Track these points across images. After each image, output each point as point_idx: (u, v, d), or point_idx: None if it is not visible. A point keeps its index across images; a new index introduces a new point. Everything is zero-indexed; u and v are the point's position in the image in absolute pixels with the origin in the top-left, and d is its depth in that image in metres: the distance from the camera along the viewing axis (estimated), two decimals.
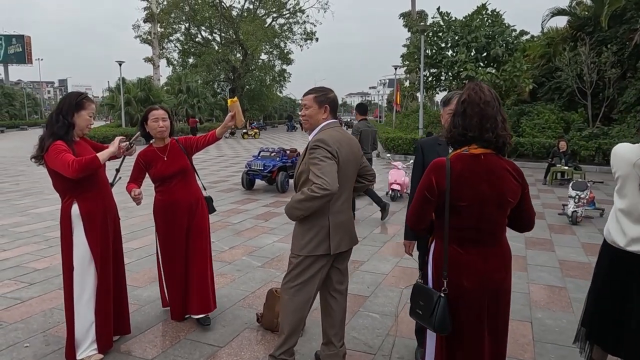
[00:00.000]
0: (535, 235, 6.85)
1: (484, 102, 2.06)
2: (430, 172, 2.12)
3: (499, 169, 2.10)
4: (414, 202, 2.20)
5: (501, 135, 2.07)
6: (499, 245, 2.18)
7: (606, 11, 16.75)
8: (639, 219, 2.40)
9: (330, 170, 2.51)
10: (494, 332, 2.17)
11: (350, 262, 5.29)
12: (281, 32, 46.39)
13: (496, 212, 2.11)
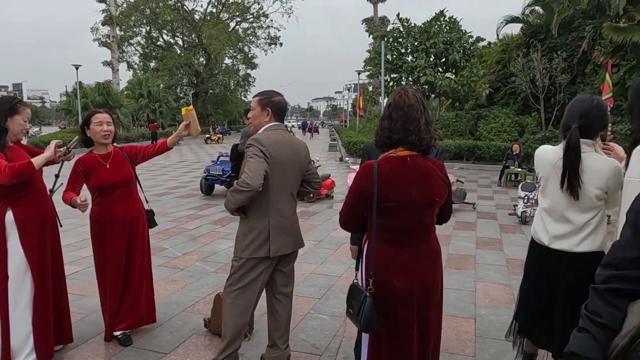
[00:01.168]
0: (486, 235, 7.08)
1: (408, 106, 2.14)
2: (360, 174, 2.18)
3: (426, 170, 2.17)
4: (346, 204, 2.25)
5: (424, 137, 2.14)
6: (428, 244, 2.25)
7: (556, 19, 17.49)
8: (560, 217, 2.52)
9: (255, 168, 2.54)
10: (424, 330, 2.23)
11: (305, 266, 5.38)
12: (245, 37, 46.21)
13: (424, 212, 2.18)
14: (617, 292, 1.35)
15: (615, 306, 1.35)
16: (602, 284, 1.39)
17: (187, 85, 46.46)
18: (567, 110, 2.53)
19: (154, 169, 15.87)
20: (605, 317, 1.34)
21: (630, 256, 1.34)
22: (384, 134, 2.19)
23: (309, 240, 6.52)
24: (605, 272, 1.40)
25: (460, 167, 16.84)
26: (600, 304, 1.37)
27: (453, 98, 21.12)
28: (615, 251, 1.41)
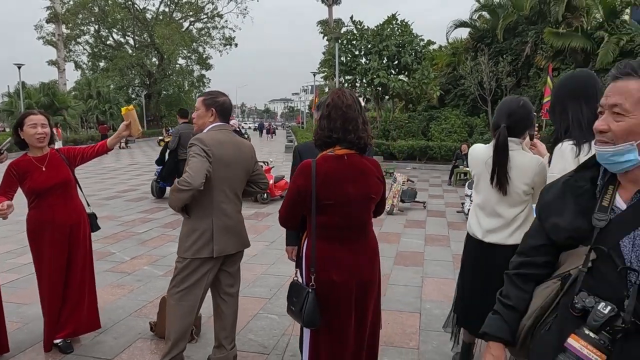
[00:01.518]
0: (435, 232, 7.31)
1: (346, 106, 2.20)
2: (298, 174, 2.22)
3: (363, 168, 2.24)
4: (285, 203, 2.29)
5: (362, 136, 2.22)
6: (366, 240, 2.33)
7: (501, 24, 18.25)
8: (491, 212, 2.66)
9: (197, 167, 2.55)
10: (363, 324, 2.31)
11: (257, 267, 5.38)
12: (199, 37, 45.43)
13: (362, 208, 2.26)
14: (525, 276, 1.46)
15: (523, 290, 1.45)
16: (513, 269, 1.50)
17: (139, 86, 45.16)
18: (496, 111, 2.68)
19: (103, 172, 15.37)
20: (513, 299, 1.44)
21: (536, 244, 1.45)
22: (323, 133, 2.23)
23: (262, 242, 6.53)
24: (517, 259, 1.51)
25: (413, 167, 17.25)
26: (510, 288, 1.47)
27: (406, 100, 21.61)
28: (525, 240, 1.51)
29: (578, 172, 1.40)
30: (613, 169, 1.27)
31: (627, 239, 1.23)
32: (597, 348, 1.17)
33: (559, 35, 16.12)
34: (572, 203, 1.34)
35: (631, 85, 1.21)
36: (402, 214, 8.71)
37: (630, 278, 1.21)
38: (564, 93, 2.26)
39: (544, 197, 1.46)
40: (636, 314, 1.17)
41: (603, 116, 1.26)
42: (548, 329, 1.36)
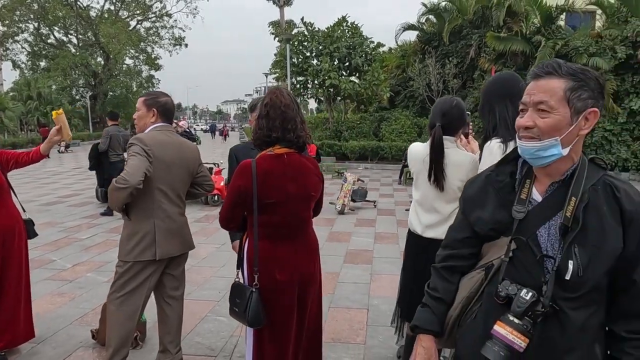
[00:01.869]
0: (384, 230, 7.46)
1: (284, 105, 2.23)
2: (238, 174, 2.22)
3: (302, 167, 2.28)
4: (226, 204, 2.29)
5: (301, 135, 2.26)
6: (306, 237, 2.37)
7: (447, 28, 18.84)
8: (430, 208, 2.77)
9: (135, 165, 2.50)
10: (303, 321, 2.35)
11: (206, 269, 5.31)
12: (147, 37, 44.18)
13: (302, 206, 2.30)
14: (451, 269, 1.52)
15: (450, 281, 1.50)
16: (440, 262, 1.55)
17: (84, 87, 43.38)
18: (432, 110, 2.79)
19: (44, 176, 14.67)
20: (441, 292, 1.50)
21: (460, 237, 1.51)
22: (262, 132, 2.25)
23: (212, 244, 6.45)
24: (443, 252, 1.56)
25: (365, 167, 17.52)
26: (438, 281, 1.52)
27: (357, 101, 21.88)
28: (450, 233, 1.58)
29: (498, 167, 1.47)
30: (536, 163, 1.33)
31: (543, 228, 1.31)
32: (521, 332, 1.24)
33: (501, 39, 16.83)
34: (494, 196, 1.41)
35: (555, 84, 1.27)
36: (353, 213, 8.84)
37: (547, 265, 1.29)
38: (491, 93, 2.38)
39: (468, 192, 1.52)
40: (553, 298, 1.26)
41: (527, 113, 1.31)
42: (474, 318, 1.42)
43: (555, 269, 1.26)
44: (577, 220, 1.27)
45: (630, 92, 14.96)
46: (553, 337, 1.27)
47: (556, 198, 1.33)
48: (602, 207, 1.29)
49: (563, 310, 1.27)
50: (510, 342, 1.24)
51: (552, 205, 1.32)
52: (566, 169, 1.33)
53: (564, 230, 1.28)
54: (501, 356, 1.24)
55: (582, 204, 1.28)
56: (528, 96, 1.31)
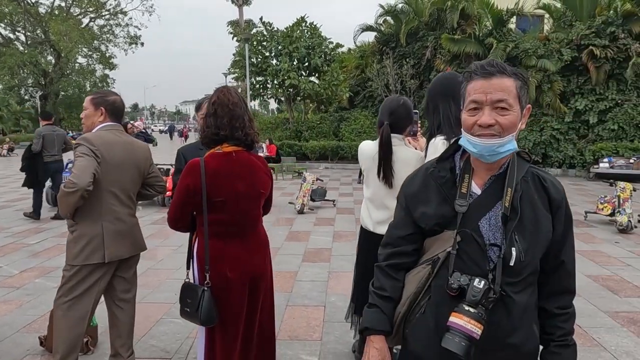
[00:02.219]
0: (343, 229, 7.55)
1: (232, 104, 2.24)
2: (186, 174, 2.21)
3: (251, 165, 2.30)
4: (174, 203, 2.27)
5: (249, 133, 2.28)
6: (256, 235, 2.39)
7: (404, 29, 19.21)
8: (380, 205, 2.84)
9: (83, 166, 2.44)
10: (253, 318, 2.36)
11: (162, 272, 5.22)
12: (101, 35, 42.75)
13: (251, 204, 2.32)
14: (397, 266, 1.52)
15: (396, 279, 1.51)
16: (384, 261, 1.54)
17: (34, 87, 41.52)
18: (380, 109, 2.87)
19: None
20: (389, 290, 1.49)
21: (403, 234, 1.52)
22: (210, 131, 2.24)
23: (169, 246, 6.35)
24: (385, 250, 1.56)
25: (326, 167, 17.64)
26: (384, 279, 1.52)
27: (317, 101, 21.99)
28: (391, 231, 1.57)
29: (439, 163, 1.51)
30: (492, 159, 1.37)
31: (484, 220, 1.39)
32: (477, 320, 1.29)
33: (455, 41, 17.32)
34: (436, 192, 1.46)
35: (508, 83, 1.33)
36: (312, 213, 8.89)
37: (490, 254, 1.36)
38: (435, 93, 2.48)
39: (409, 188, 1.53)
40: (500, 285, 1.33)
41: (486, 111, 1.33)
42: (423, 312, 1.44)
43: (502, 256, 1.34)
44: (515, 209, 1.37)
45: (576, 93, 15.73)
46: (500, 320, 1.34)
47: (494, 190, 1.41)
48: (534, 197, 1.41)
49: (508, 295, 1.35)
50: (469, 331, 1.27)
51: (490, 197, 1.40)
52: (503, 163, 1.41)
53: (505, 220, 1.36)
54: (462, 346, 1.27)
55: (517, 194, 1.38)
56: (483, 95, 1.33)
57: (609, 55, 14.61)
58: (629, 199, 7.39)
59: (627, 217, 7.22)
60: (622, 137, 14.81)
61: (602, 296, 4.57)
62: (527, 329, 1.41)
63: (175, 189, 2.29)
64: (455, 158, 1.49)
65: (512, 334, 1.37)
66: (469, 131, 1.37)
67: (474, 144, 1.36)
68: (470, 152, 1.39)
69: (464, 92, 1.41)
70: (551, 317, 1.46)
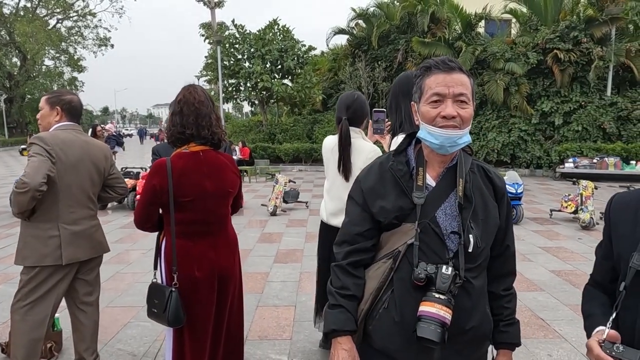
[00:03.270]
0: (315, 230, 7.52)
1: (198, 102, 2.23)
2: (153, 173, 2.20)
3: (219, 164, 2.30)
4: (140, 203, 2.25)
5: (216, 132, 2.27)
6: (225, 234, 2.38)
7: (375, 33, 19.42)
8: (335, 196, 2.90)
9: (35, 166, 2.39)
10: (221, 317, 2.36)
11: (130, 275, 5.14)
12: (69, 36, 41.80)
13: (219, 203, 2.32)
14: (356, 263, 1.50)
15: (358, 277, 1.49)
16: (343, 259, 1.51)
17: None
18: (337, 105, 2.96)
19: None
20: (352, 288, 1.47)
21: (361, 230, 1.50)
22: (176, 129, 2.23)
23: (139, 250, 6.25)
24: (343, 248, 1.53)
25: (299, 169, 17.65)
26: (345, 278, 1.48)
27: (290, 104, 22.00)
28: (347, 228, 1.54)
29: (396, 157, 1.52)
30: (450, 150, 1.41)
31: (440, 210, 1.43)
32: (447, 306, 1.33)
33: (426, 44, 17.61)
34: (393, 185, 1.48)
35: (465, 79, 1.39)
36: (285, 215, 8.89)
37: (448, 243, 1.41)
38: (397, 92, 2.54)
39: (367, 183, 1.51)
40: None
41: (448, 104, 1.37)
42: (386, 307, 1.43)
43: (462, 243, 1.40)
44: (469, 198, 1.43)
45: (542, 95, 16.19)
46: (463, 305, 1.39)
47: (447, 182, 1.46)
48: (482, 187, 1.49)
49: (468, 280, 1.41)
50: (442, 317, 1.31)
51: (444, 188, 1.45)
52: (454, 155, 1.47)
53: (461, 209, 1.42)
54: (438, 333, 1.30)
55: (467, 184, 1.45)
56: (446, 88, 1.37)
57: (573, 59, 15.10)
58: (590, 197, 7.66)
59: (589, 215, 7.48)
60: (586, 138, 15.31)
61: (564, 290, 4.72)
62: (483, 311, 1.48)
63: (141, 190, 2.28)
64: (409, 152, 1.53)
65: (472, 317, 1.43)
66: (430, 123, 1.40)
67: (436, 135, 1.39)
68: (430, 143, 1.42)
69: (422, 85, 1.44)
70: (498, 299, 1.55)
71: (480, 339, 1.50)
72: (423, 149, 1.49)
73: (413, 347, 1.38)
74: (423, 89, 1.43)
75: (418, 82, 1.46)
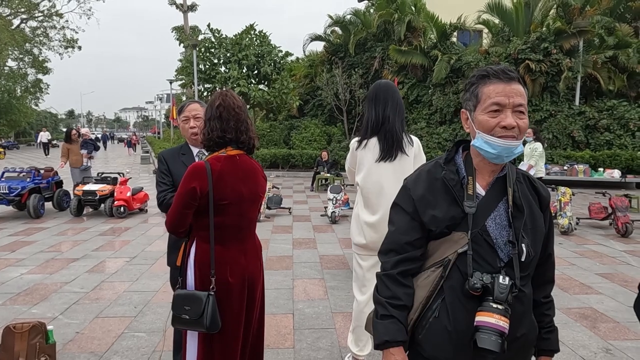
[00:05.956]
0: (301, 236, 7.52)
1: (237, 107, 2.23)
2: (191, 177, 2.12)
3: (252, 168, 2.30)
4: (175, 209, 2.15)
5: (252, 137, 2.27)
6: (253, 239, 2.36)
7: (352, 40, 19.58)
8: None
9: None
10: (250, 323, 2.31)
11: (118, 284, 4.97)
12: (34, 37, 40.46)
13: (252, 207, 2.30)
14: (406, 272, 1.47)
15: (408, 286, 1.47)
16: (392, 269, 1.48)
17: None
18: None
19: None
20: (403, 298, 1.45)
21: (411, 239, 1.47)
22: (216, 134, 2.20)
23: (122, 258, 6.06)
24: (391, 258, 1.50)
25: (277, 175, 17.54)
26: (396, 288, 1.46)
27: (267, 109, 21.87)
28: (395, 237, 1.51)
29: (447, 165, 1.50)
30: (506, 160, 1.42)
31: (490, 219, 1.42)
32: (505, 316, 1.32)
33: (402, 52, 17.86)
34: (443, 194, 1.45)
35: (522, 90, 1.40)
36: (269, 221, 8.81)
37: (499, 252, 1.40)
38: (366, 99, 2.73)
39: (417, 192, 1.48)
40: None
41: (509, 114, 1.37)
42: (437, 316, 1.41)
43: (516, 253, 1.39)
44: (520, 208, 1.44)
45: None
46: (515, 312, 1.38)
47: (496, 191, 1.46)
48: (529, 196, 1.49)
49: (520, 289, 1.40)
50: (501, 327, 1.30)
51: (494, 197, 1.45)
52: (504, 165, 1.47)
53: (512, 218, 1.42)
54: (498, 343, 1.29)
55: (516, 194, 1.45)
56: (506, 98, 1.37)
57: (543, 69, 15.58)
58: (569, 203, 7.88)
59: (568, 220, 7.70)
60: (557, 146, 15.80)
61: (554, 294, 4.80)
62: (531, 319, 1.48)
63: (176, 193, 2.18)
64: (457, 160, 1.51)
65: (522, 324, 1.43)
66: (489, 132, 1.39)
67: (494, 145, 1.39)
68: (486, 153, 1.41)
69: (478, 93, 1.42)
70: (539, 306, 1.56)
71: (529, 346, 1.51)
72: (473, 157, 1.48)
73: (465, 356, 1.38)
74: (480, 97, 1.41)
75: (473, 90, 1.44)
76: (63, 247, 6.67)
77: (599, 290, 4.97)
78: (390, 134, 2.78)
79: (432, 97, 17.69)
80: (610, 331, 3.91)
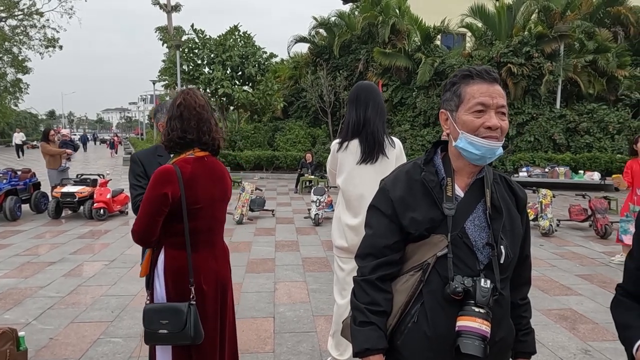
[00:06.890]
0: (284, 238, 7.47)
1: (199, 106, 2.11)
2: (161, 181, 2.00)
3: (221, 169, 2.23)
4: (144, 217, 2.02)
5: (216, 138, 2.17)
6: (221, 242, 2.29)
7: (337, 42, 19.58)
8: None
9: None
10: (224, 328, 2.25)
11: (95, 288, 4.86)
12: (13, 36, 39.68)
13: (222, 209, 2.24)
14: (384, 277, 1.42)
15: (387, 291, 1.42)
16: (371, 274, 1.42)
17: None
18: None
19: None
20: (383, 304, 1.40)
21: (389, 242, 1.42)
22: (176, 134, 2.08)
23: (100, 261, 5.94)
24: (369, 262, 1.44)
25: (261, 176, 17.45)
26: (375, 293, 1.40)
27: (251, 110, 21.75)
28: (372, 240, 1.45)
29: (426, 166, 1.46)
30: (487, 161, 1.39)
31: (469, 221, 1.39)
32: (487, 320, 1.29)
33: (386, 54, 17.92)
34: (422, 196, 1.41)
35: (502, 92, 1.38)
36: (252, 223, 8.73)
37: (478, 254, 1.37)
38: (347, 101, 2.69)
39: (395, 193, 1.43)
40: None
41: (492, 114, 1.35)
42: (416, 321, 1.37)
43: (496, 255, 1.37)
44: (498, 209, 1.41)
45: None
46: (495, 315, 1.34)
47: (475, 192, 1.43)
48: (506, 197, 1.47)
49: (499, 292, 1.38)
50: (484, 332, 1.27)
51: (472, 199, 1.42)
52: (483, 166, 1.44)
53: (490, 220, 1.39)
54: (481, 348, 1.26)
55: (494, 194, 1.43)
56: (490, 98, 1.35)
57: (525, 73, 15.78)
58: (549, 205, 7.97)
59: (549, 222, 7.78)
60: (538, 148, 16.00)
61: (534, 296, 4.85)
62: (509, 322, 1.47)
63: (143, 200, 2.04)
64: (436, 161, 1.47)
65: (501, 328, 1.41)
66: (473, 132, 1.36)
67: (478, 146, 1.36)
68: (469, 154, 1.38)
69: (460, 92, 1.39)
70: (516, 308, 1.52)
71: (507, 349, 1.49)
72: (452, 158, 1.45)
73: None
74: (463, 97, 1.38)
75: (455, 90, 1.41)
76: (40, 250, 6.52)
77: (579, 291, 5.01)
78: (371, 136, 2.76)
79: (416, 100, 17.79)
80: (590, 332, 3.94)
